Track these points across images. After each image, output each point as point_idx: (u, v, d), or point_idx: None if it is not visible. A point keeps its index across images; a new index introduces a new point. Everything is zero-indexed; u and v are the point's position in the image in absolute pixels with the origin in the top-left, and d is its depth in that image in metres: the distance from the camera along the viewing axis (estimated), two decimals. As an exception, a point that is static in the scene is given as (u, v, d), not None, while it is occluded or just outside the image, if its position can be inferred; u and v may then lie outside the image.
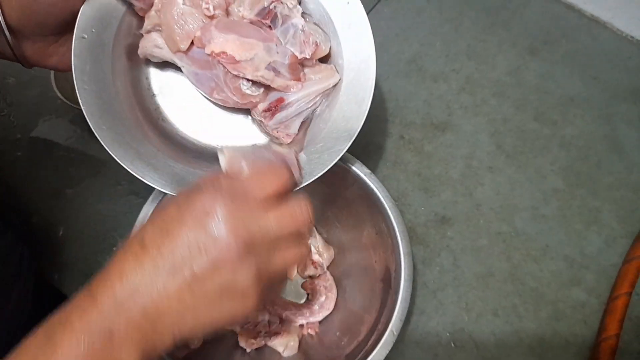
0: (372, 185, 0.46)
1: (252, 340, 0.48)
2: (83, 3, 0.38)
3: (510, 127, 0.61)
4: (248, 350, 0.48)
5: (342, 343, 0.48)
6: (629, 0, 0.64)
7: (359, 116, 0.41)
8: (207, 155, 0.43)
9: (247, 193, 0.31)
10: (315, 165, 0.40)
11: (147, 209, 0.44)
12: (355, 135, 0.40)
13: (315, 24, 0.43)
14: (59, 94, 0.55)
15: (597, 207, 0.57)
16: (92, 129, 0.38)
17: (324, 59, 0.43)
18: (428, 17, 0.67)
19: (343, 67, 0.42)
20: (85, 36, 0.39)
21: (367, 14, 0.42)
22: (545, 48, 0.65)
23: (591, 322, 0.52)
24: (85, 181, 0.57)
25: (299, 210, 0.32)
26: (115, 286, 0.28)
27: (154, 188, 0.43)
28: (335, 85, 0.42)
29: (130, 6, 0.41)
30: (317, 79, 0.42)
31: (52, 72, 0.60)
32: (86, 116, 0.38)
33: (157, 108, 0.43)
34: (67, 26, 0.39)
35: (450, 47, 0.65)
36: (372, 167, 0.47)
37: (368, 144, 0.59)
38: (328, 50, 0.43)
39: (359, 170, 0.46)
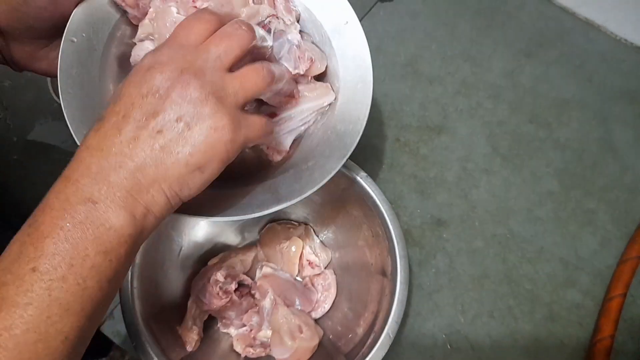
0: (368, 188, 0.46)
1: (250, 349, 0.48)
2: (74, 8, 0.38)
3: (505, 130, 0.61)
4: (243, 355, 0.49)
5: (338, 345, 0.48)
6: (623, 4, 0.64)
7: (353, 135, 0.40)
8: None
9: (177, 37, 0.32)
10: (306, 182, 0.39)
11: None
12: (348, 155, 0.39)
13: (313, 42, 0.42)
14: (56, 97, 0.55)
15: (592, 208, 0.57)
16: (72, 134, 0.37)
17: (320, 77, 0.43)
18: (423, 20, 0.67)
19: (339, 86, 0.42)
20: (75, 40, 0.39)
21: (363, 17, 0.42)
22: (539, 51, 0.65)
23: (586, 324, 0.52)
24: (81, 184, 0.57)
25: (231, 28, 0.32)
26: (86, 160, 0.28)
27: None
28: (330, 104, 0.42)
29: (124, 14, 0.40)
30: (312, 97, 0.41)
31: (48, 76, 0.60)
32: (67, 120, 0.37)
33: None
34: (57, 30, 0.38)
35: (446, 50, 0.65)
36: (369, 170, 0.48)
37: (364, 147, 0.59)
38: (324, 68, 0.42)
39: (355, 173, 0.47)
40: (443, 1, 0.68)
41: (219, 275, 0.48)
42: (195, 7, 0.38)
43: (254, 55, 0.37)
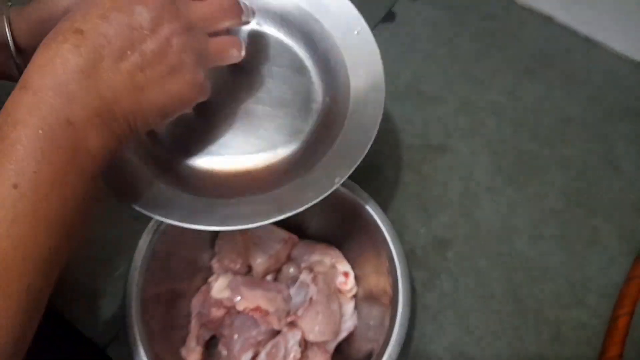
0: (369, 209, 0.46)
1: None
2: None
3: (508, 148, 0.61)
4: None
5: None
6: (623, 21, 0.65)
7: (363, 144, 0.41)
8: (192, 176, 0.43)
9: None
10: (311, 192, 0.40)
11: (146, 237, 0.44)
12: (357, 164, 0.41)
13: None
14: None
15: (597, 226, 0.57)
16: None
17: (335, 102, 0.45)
18: (423, 41, 0.68)
19: (350, 96, 0.43)
20: None
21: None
22: (541, 69, 0.65)
23: (594, 343, 0.51)
24: (88, 207, 0.58)
25: (228, 3, 0.36)
26: (60, 78, 0.27)
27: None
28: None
29: None
30: None
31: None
32: None
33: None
34: None
35: (447, 69, 0.66)
36: (371, 190, 0.48)
37: (366, 167, 0.59)
38: None
39: (356, 194, 0.47)
40: (443, 22, 0.69)
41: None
42: None
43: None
